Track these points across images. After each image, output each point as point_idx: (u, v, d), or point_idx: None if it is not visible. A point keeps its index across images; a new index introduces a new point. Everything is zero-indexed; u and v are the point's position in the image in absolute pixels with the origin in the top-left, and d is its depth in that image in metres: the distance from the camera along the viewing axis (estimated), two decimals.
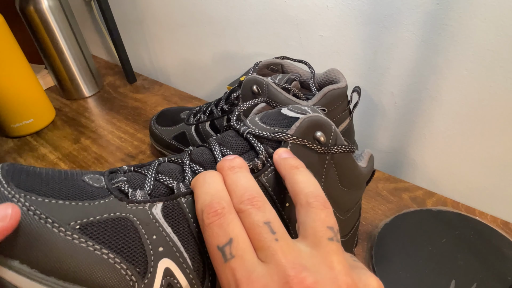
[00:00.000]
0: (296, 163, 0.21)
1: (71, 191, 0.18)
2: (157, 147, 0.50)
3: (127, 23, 0.78)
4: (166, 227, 0.19)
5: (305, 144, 0.22)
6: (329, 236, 0.17)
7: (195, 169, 0.22)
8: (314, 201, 0.18)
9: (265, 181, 0.22)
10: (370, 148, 0.53)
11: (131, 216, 0.19)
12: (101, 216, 0.18)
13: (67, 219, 0.17)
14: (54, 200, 0.17)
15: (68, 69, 0.68)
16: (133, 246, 0.18)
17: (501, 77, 0.36)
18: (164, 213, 0.20)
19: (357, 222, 0.31)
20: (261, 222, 0.17)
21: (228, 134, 0.25)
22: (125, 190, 0.20)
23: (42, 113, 0.62)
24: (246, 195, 0.18)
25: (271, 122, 0.24)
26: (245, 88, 0.38)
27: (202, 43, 0.65)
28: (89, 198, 0.18)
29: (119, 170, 0.22)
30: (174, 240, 0.19)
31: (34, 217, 0.16)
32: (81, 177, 0.20)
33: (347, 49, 0.46)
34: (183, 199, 0.20)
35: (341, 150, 0.24)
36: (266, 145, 0.23)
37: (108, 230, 0.18)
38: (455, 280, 0.33)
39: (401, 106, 0.46)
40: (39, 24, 0.62)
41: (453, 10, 0.36)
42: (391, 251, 0.36)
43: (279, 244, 0.17)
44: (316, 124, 0.23)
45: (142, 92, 0.72)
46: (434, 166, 0.47)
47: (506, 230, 0.38)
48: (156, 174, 0.21)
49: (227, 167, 0.20)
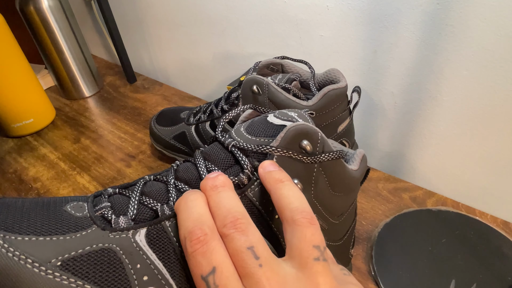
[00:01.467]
0: (281, 177, 0.20)
1: (52, 225, 0.18)
2: (157, 147, 0.50)
3: (127, 23, 0.78)
4: (150, 254, 0.19)
5: (291, 156, 0.22)
6: (315, 256, 0.17)
7: (180, 187, 0.22)
8: (300, 217, 0.18)
9: (252, 195, 0.21)
10: (370, 148, 0.53)
11: (114, 246, 0.18)
12: (83, 249, 0.18)
13: (47, 256, 0.17)
14: (35, 237, 0.17)
15: (68, 69, 0.68)
16: (117, 278, 0.18)
17: (501, 77, 0.36)
18: (148, 239, 0.19)
19: (353, 223, 0.31)
20: (244, 247, 0.17)
21: (214, 148, 0.24)
22: (108, 217, 0.19)
23: (42, 113, 0.62)
24: (229, 217, 0.18)
25: (257, 131, 0.23)
26: (245, 88, 0.38)
27: (202, 43, 0.65)
28: (71, 231, 0.18)
29: (103, 193, 0.22)
30: (158, 267, 0.19)
31: (14, 258, 0.16)
32: (63, 207, 0.20)
33: (347, 49, 0.46)
34: (167, 223, 0.20)
35: (329, 157, 0.23)
36: (252, 158, 0.22)
37: (91, 263, 0.17)
38: (455, 280, 0.33)
39: (401, 106, 0.46)
40: (39, 24, 0.62)
41: (453, 10, 0.36)
42: (391, 251, 0.36)
43: (263, 270, 0.16)
44: (302, 133, 0.22)
45: (142, 92, 0.72)
46: (434, 166, 0.47)
47: (506, 230, 0.38)
48: (141, 196, 0.21)
49: (210, 186, 0.20)
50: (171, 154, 0.49)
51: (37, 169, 0.53)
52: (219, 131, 0.25)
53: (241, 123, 0.27)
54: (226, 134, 0.25)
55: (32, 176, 0.52)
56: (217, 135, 0.24)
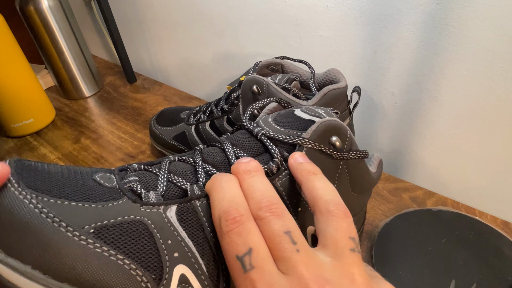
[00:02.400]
0: (313, 169, 0.20)
1: (84, 191, 0.18)
2: (157, 147, 0.50)
3: (127, 23, 0.78)
4: (181, 231, 0.19)
5: (321, 149, 0.22)
6: (351, 247, 0.17)
7: (208, 169, 0.21)
8: (335, 209, 0.18)
9: (279, 185, 0.21)
10: (370, 148, 0.53)
11: (145, 219, 0.18)
12: (115, 219, 0.17)
13: (81, 222, 0.16)
14: (67, 201, 0.17)
15: (68, 69, 0.68)
16: (148, 251, 0.17)
17: (501, 77, 0.36)
18: (179, 216, 0.19)
19: (362, 226, 0.31)
20: (281, 231, 0.17)
21: (241, 135, 0.24)
22: (137, 191, 0.19)
23: (42, 113, 0.62)
24: (264, 201, 0.18)
25: (284, 123, 0.23)
26: (245, 88, 0.38)
27: (202, 43, 0.65)
28: (102, 200, 0.18)
29: (129, 168, 0.21)
30: (189, 245, 0.19)
31: (47, 220, 0.15)
32: (92, 176, 0.19)
33: (347, 49, 0.46)
34: (197, 202, 0.20)
35: (356, 156, 0.23)
36: (281, 148, 0.22)
37: (123, 234, 0.17)
38: (455, 280, 0.33)
39: (401, 106, 0.46)
40: (39, 24, 0.62)
41: (453, 10, 0.36)
42: (391, 251, 0.36)
43: (300, 255, 0.16)
44: (333, 128, 0.22)
45: (142, 92, 0.72)
46: (434, 166, 0.47)
47: (506, 230, 0.38)
48: (169, 174, 0.21)
49: (243, 170, 0.20)
50: (171, 154, 0.49)
51: None
52: (247, 119, 0.25)
53: (266, 115, 0.27)
54: (253, 123, 0.24)
55: None
56: (244, 123, 0.24)
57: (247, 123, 0.24)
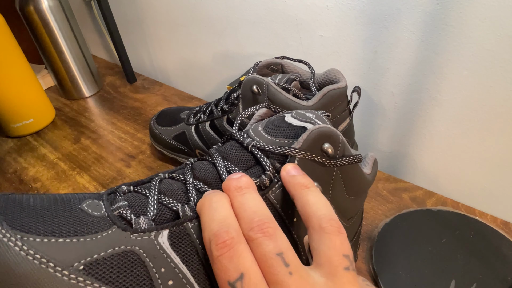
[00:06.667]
0: (306, 182, 0.20)
1: (71, 225, 0.17)
2: (157, 147, 0.50)
3: (127, 23, 0.78)
4: (174, 257, 0.18)
5: (314, 159, 0.21)
6: (345, 265, 0.17)
7: (199, 187, 0.21)
8: (328, 225, 0.18)
9: (273, 198, 0.21)
10: (370, 148, 0.53)
11: (137, 248, 0.17)
12: (105, 252, 0.17)
13: (69, 260, 0.16)
14: (54, 238, 0.16)
15: (68, 69, 0.68)
16: (142, 282, 0.17)
17: (501, 77, 0.36)
18: (171, 241, 0.18)
19: (360, 226, 0.31)
20: (273, 253, 0.16)
21: (231, 147, 0.23)
22: (127, 217, 0.18)
23: (42, 113, 0.62)
24: (255, 220, 0.17)
25: (275, 132, 0.23)
26: (245, 88, 0.38)
27: (202, 43, 0.65)
28: (91, 232, 0.17)
29: (117, 190, 0.21)
30: (183, 271, 0.18)
31: (35, 262, 0.15)
32: (79, 205, 0.19)
33: (347, 49, 0.46)
34: (189, 224, 0.19)
35: (349, 161, 0.23)
36: (273, 159, 0.22)
37: (115, 267, 0.17)
38: (455, 280, 0.33)
39: (401, 106, 0.46)
40: (39, 24, 0.62)
41: (453, 10, 0.36)
42: (391, 251, 0.36)
43: (293, 278, 0.16)
44: (324, 135, 0.21)
45: (142, 92, 0.72)
46: (434, 166, 0.47)
47: (506, 230, 0.38)
48: (159, 195, 0.20)
49: (234, 187, 0.19)
50: (171, 154, 0.49)
51: (37, 169, 0.53)
52: (236, 130, 0.24)
53: (256, 122, 0.26)
54: (243, 133, 0.24)
55: (32, 176, 0.52)
56: (234, 133, 0.24)
57: (236, 134, 0.24)
